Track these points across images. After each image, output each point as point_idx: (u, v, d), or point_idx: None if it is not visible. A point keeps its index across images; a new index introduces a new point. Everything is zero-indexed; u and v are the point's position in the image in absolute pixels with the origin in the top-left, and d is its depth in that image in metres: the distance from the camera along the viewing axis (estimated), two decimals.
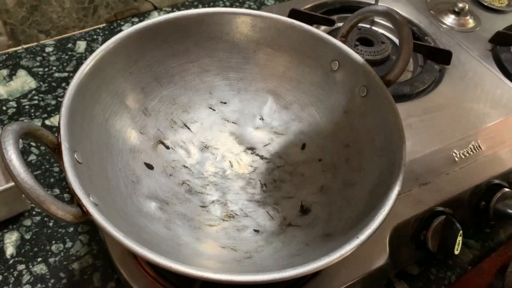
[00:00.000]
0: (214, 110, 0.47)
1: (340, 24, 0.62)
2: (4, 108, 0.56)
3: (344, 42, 0.43)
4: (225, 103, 0.48)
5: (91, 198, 0.30)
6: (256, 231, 0.39)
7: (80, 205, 0.29)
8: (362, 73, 0.40)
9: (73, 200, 0.30)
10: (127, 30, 0.40)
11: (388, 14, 0.39)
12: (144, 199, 0.39)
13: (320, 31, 0.43)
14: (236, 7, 0.74)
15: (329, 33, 0.60)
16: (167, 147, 0.44)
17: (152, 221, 0.37)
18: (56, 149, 0.32)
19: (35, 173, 0.50)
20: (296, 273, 0.28)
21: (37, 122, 0.55)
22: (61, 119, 0.33)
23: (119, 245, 0.28)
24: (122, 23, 0.69)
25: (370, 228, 0.30)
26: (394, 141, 0.36)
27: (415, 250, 0.45)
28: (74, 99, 0.35)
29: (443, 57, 0.59)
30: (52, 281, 0.43)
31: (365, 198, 0.36)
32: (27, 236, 0.46)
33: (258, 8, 0.74)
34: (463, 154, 0.49)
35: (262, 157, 0.46)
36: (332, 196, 0.40)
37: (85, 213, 0.29)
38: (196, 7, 0.73)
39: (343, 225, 0.35)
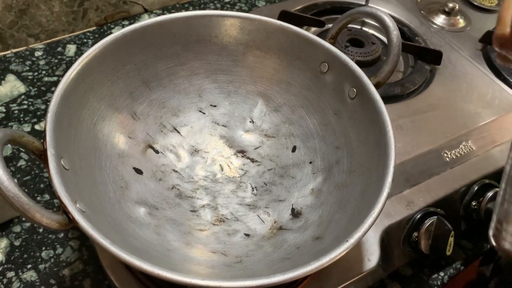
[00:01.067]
0: (204, 113, 0.47)
1: (331, 26, 0.62)
2: None
3: (333, 43, 0.43)
4: (215, 106, 0.47)
5: (78, 205, 0.30)
6: (247, 235, 0.39)
7: (66, 212, 0.29)
8: (351, 75, 0.40)
9: (60, 204, 0.29)
10: (114, 34, 0.40)
11: (376, 16, 0.39)
12: (133, 204, 0.38)
13: (309, 33, 0.43)
14: (227, 8, 0.74)
15: (319, 34, 0.60)
16: (157, 152, 0.44)
17: (141, 227, 0.36)
18: (42, 155, 0.32)
19: (24, 178, 0.50)
20: (285, 278, 0.27)
21: (27, 127, 0.55)
22: (47, 125, 0.32)
23: (108, 252, 0.28)
24: (112, 26, 0.68)
25: (359, 231, 0.30)
26: (384, 143, 0.36)
27: (407, 252, 0.45)
28: (60, 105, 0.34)
29: (434, 57, 0.59)
30: None
31: (356, 201, 0.36)
32: (17, 243, 0.45)
33: (249, 10, 0.74)
34: (454, 154, 0.49)
35: (252, 160, 0.46)
36: (323, 198, 0.40)
37: (71, 220, 0.29)
38: (187, 9, 0.73)
39: (333, 228, 0.35)
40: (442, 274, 0.48)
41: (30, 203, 0.27)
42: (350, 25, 0.51)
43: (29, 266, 0.44)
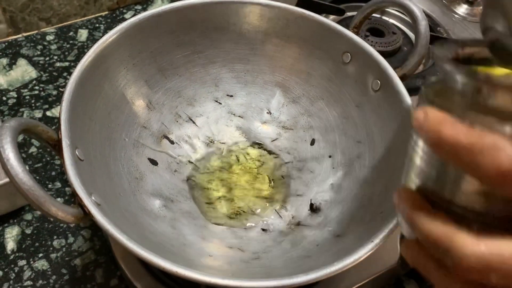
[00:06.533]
0: (220, 103, 0.46)
1: (350, 14, 0.60)
2: (4, 98, 0.54)
3: (356, 33, 0.41)
4: (231, 96, 0.46)
5: (93, 198, 0.29)
6: (264, 230, 0.38)
7: (81, 205, 0.28)
8: (375, 67, 0.38)
9: (74, 197, 0.28)
10: (130, 20, 0.38)
11: (403, 5, 0.38)
12: (148, 196, 0.37)
13: (332, 22, 0.41)
14: None
15: (339, 22, 0.58)
16: (172, 142, 0.43)
17: (156, 220, 0.36)
18: (56, 146, 0.31)
19: (35, 165, 0.49)
20: (308, 279, 0.27)
21: (38, 113, 0.54)
22: (61, 114, 0.31)
23: (124, 247, 0.27)
24: (124, 11, 0.67)
25: (384, 231, 0.29)
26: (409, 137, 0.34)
27: None
28: (75, 93, 0.33)
29: None
30: (54, 277, 0.42)
31: (378, 198, 0.35)
32: (28, 231, 0.45)
33: None
34: None
35: (270, 152, 0.44)
36: (343, 194, 0.38)
37: (86, 214, 0.28)
38: None
39: (355, 226, 0.34)
40: None
41: (46, 196, 0.26)
42: None
43: (40, 255, 0.43)
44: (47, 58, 0.59)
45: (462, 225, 0.20)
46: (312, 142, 0.44)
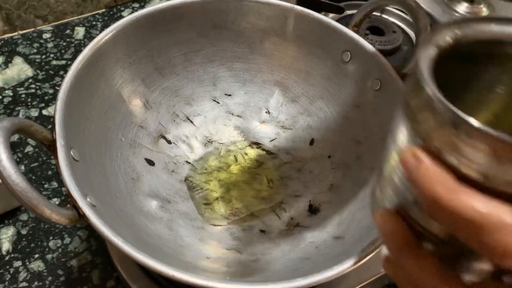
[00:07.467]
0: (218, 102, 0.45)
1: (350, 12, 0.59)
2: None
3: (357, 32, 0.41)
4: (229, 95, 0.45)
5: (88, 199, 0.28)
6: (262, 231, 0.38)
7: (76, 207, 0.27)
8: (375, 66, 0.38)
9: (70, 199, 0.28)
10: (127, 18, 0.38)
11: (405, 4, 0.37)
12: (145, 197, 0.37)
13: (332, 20, 0.41)
14: None
15: (338, 21, 0.58)
16: (169, 142, 0.42)
17: (153, 221, 0.35)
18: (51, 146, 0.30)
19: (32, 165, 0.49)
20: (307, 282, 0.26)
21: (34, 112, 0.53)
22: (56, 114, 0.31)
23: (120, 249, 0.26)
24: (122, 8, 0.66)
25: None
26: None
27: None
28: (70, 92, 0.33)
29: None
30: (50, 278, 0.41)
31: None
32: (24, 232, 0.44)
33: None
34: None
35: (268, 152, 0.44)
36: (342, 195, 0.38)
37: (81, 216, 0.27)
38: None
39: (355, 227, 0.34)
40: None
41: (39, 198, 0.25)
42: None
43: (36, 255, 0.43)
44: (44, 56, 0.59)
45: (444, 264, 0.19)
46: (311, 142, 0.43)
